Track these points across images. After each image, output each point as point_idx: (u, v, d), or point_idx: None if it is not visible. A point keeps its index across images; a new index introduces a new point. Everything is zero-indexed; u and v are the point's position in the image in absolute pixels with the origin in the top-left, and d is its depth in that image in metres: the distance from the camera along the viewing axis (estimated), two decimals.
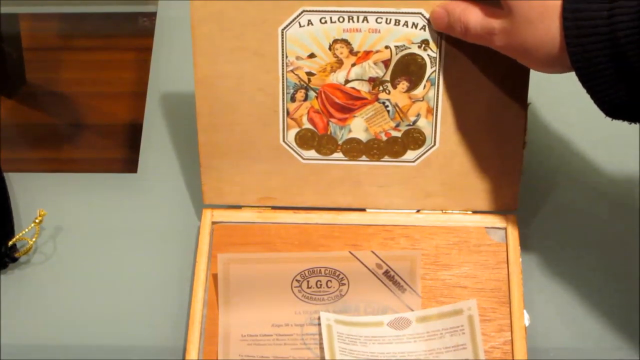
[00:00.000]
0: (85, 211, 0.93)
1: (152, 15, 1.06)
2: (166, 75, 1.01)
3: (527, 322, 0.84)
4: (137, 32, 1.07)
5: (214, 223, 0.89)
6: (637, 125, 0.94)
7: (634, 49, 0.68)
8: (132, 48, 1.06)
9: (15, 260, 0.89)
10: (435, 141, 0.87)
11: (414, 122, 0.87)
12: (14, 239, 0.89)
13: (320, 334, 0.83)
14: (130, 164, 0.97)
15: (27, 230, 0.89)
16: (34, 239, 0.89)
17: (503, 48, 0.77)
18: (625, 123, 0.83)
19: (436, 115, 0.86)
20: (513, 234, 0.88)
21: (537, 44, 0.73)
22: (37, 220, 0.89)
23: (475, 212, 0.89)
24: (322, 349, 0.83)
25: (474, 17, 0.79)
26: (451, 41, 0.83)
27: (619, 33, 0.68)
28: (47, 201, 0.92)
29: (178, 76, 1.00)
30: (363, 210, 0.90)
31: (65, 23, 1.09)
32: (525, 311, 0.84)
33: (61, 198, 0.93)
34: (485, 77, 0.84)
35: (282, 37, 0.84)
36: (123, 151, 1.00)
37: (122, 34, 1.08)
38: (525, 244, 0.89)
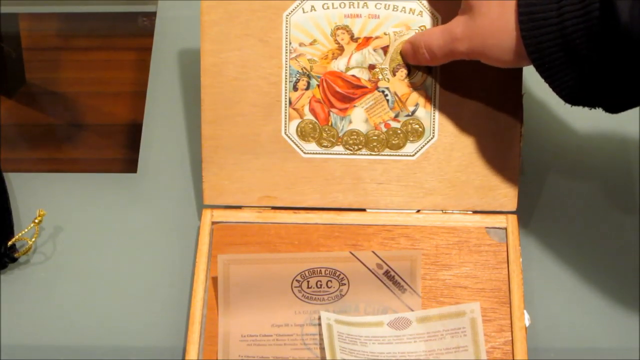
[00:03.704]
0: (85, 211, 0.93)
1: (152, 15, 1.06)
2: (166, 75, 1.01)
3: (527, 323, 0.84)
4: (137, 32, 1.07)
5: (213, 223, 0.89)
6: (638, 123, 0.95)
7: (580, 37, 0.74)
8: (132, 48, 1.06)
9: (14, 260, 0.89)
10: (434, 133, 0.88)
11: (413, 112, 0.88)
12: (13, 239, 0.88)
13: (320, 334, 0.83)
14: (130, 164, 0.97)
15: (26, 230, 0.89)
16: (33, 239, 0.89)
17: (467, 53, 0.81)
18: (625, 122, 0.83)
19: (434, 105, 0.87)
20: (513, 234, 0.88)
21: (498, 42, 0.79)
22: (36, 220, 0.89)
23: (475, 212, 0.89)
24: (322, 349, 0.83)
25: (435, 36, 0.83)
26: None
27: (567, 23, 0.74)
28: (47, 201, 0.92)
29: (178, 76, 1.00)
30: (363, 210, 0.90)
31: (65, 23, 1.09)
32: (525, 311, 0.84)
33: (61, 198, 0.93)
34: (480, 65, 0.85)
35: (286, 23, 0.86)
36: (123, 151, 1.00)
37: (122, 34, 1.08)
38: (525, 244, 0.89)
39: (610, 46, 0.72)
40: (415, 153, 0.89)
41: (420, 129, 0.89)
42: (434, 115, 0.88)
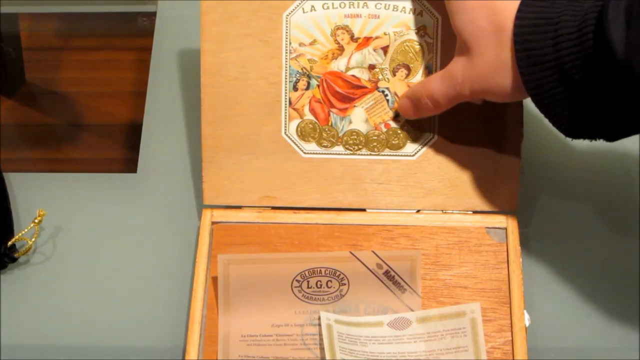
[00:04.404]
0: (84, 211, 0.93)
1: (152, 15, 1.06)
2: (166, 75, 1.01)
3: (527, 323, 0.84)
4: (137, 32, 1.07)
5: (213, 223, 0.89)
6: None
7: (578, 72, 0.74)
8: (132, 48, 1.06)
9: (14, 260, 0.89)
10: (434, 133, 0.88)
11: None
12: (13, 239, 0.88)
13: (320, 334, 0.83)
14: (130, 164, 0.97)
15: (26, 230, 0.89)
16: (33, 239, 0.89)
17: (470, 95, 0.81)
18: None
19: None
20: (513, 234, 0.88)
21: (498, 81, 0.79)
22: (36, 220, 0.89)
23: (475, 212, 0.89)
24: (322, 349, 0.83)
25: (436, 83, 0.83)
26: (447, 28, 0.85)
27: (565, 59, 0.74)
28: (47, 201, 0.92)
29: (178, 76, 1.00)
30: (363, 210, 0.90)
31: (65, 23, 1.09)
32: (525, 311, 0.84)
33: (60, 198, 0.93)
34: None
35: (286, 23, 0.86)
36: (123, 151, 1.00)
37: (122, 34, 1.08)
38: (525, 244, 0.89)
39: (609, 80, 0.72)
40: (415, 153, 0.89)
41: (421, 129, 0.89)
42: (434, 115, 0.88)
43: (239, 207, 0.90)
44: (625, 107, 0.74)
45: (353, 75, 0.88)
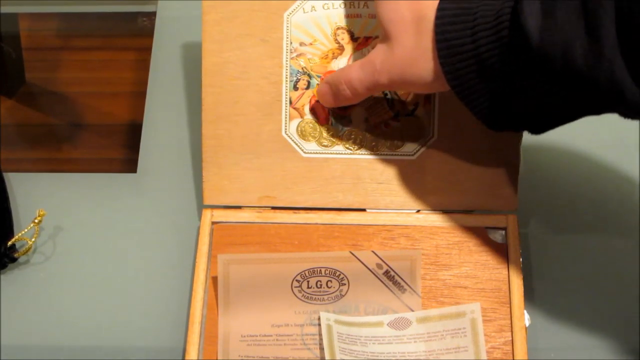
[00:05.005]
0: (84, 211, 0.93)
1: (151, 15, 1.06)
2: (166, 75, 1.01)
3: (527, 323, 0.84)
4: (137, 32, 1.07)
5: (213, 223, 0.89)
6: (638, 123, 0.95)
7: (495, 61, 0.73)
8: (132, 48, 1.06)
9: (14, 260, 0.89)
10: (433, 132, 0.88)
11: (413, 112, 0.88)
12: (13, 239, 0.88)
13: (320, 334, 0.83)
14: (129, 164, 0.97)
15: (26, 230, 0.89)
16: (33, 239, 0.89)
17: (388, 84, 0.80)
18: (625, 122, 0.83)
19: (434, 104, 0.87)
20: (513, 234, 0.88)
21: (416, 71, 0.78)
22: (36, 220, 0.89)
23: (475, 212, 0.89)
24: (322, 349, 0.83)
25: (354, 70, 0.82)
26: None
27: (482, 49, 0.74)
28: (47, 201, 0.92)
29: (178, 76, 1.00)
30: (363, 210, 0.90)
31: (65, 23, 1.09)
32: (525, 311, 0.84)
33: (60, 198, 0.93)
34: None
35: (287, 23, 0.87)
36: (122, 151, 1.00)
37: (122, 34, 1.08)
38: (525, 244, 0.89)
39: (525, 68, 0.72)
40: (415, 153, 0.89)
41: (420, 129, 0.89)
42: (434, 115, 0.88)
43: (239, 207, 0.90)
44: (542, 96, 0.74)
45: None
